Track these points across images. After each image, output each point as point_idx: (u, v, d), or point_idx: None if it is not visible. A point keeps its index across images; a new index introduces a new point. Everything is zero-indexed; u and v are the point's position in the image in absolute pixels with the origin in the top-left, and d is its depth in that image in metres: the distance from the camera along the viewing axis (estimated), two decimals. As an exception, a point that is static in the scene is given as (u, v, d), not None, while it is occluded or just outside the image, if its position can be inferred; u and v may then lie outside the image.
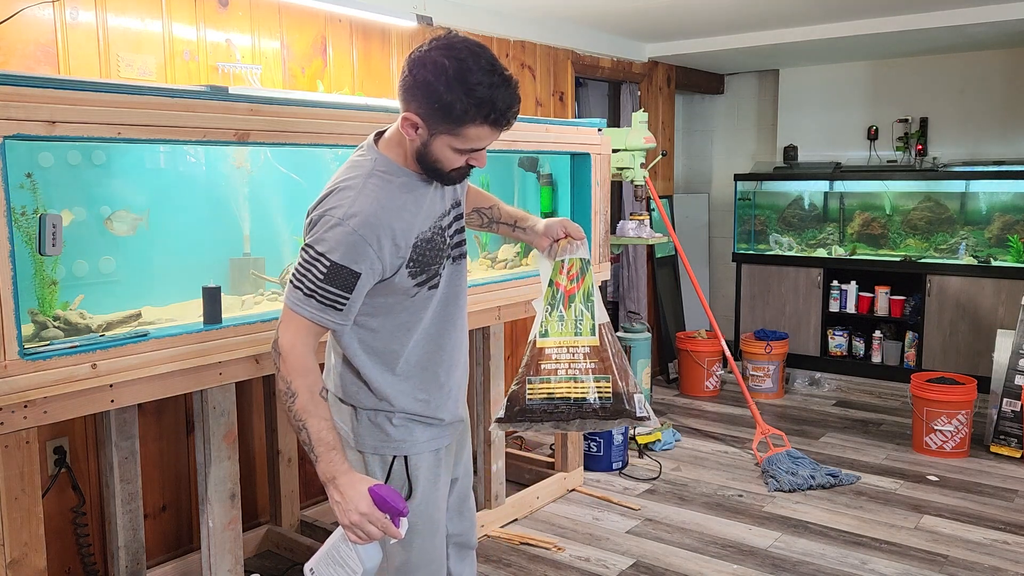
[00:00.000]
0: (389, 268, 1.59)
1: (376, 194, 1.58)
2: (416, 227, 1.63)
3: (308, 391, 1.57)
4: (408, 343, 1.69)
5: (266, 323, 2.39)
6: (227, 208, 2.64)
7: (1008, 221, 5.19)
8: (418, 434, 1.72)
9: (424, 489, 1.74)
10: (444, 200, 1.73)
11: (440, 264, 1.69)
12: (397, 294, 1.64)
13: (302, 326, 1.57)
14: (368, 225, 1.55)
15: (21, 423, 1.88)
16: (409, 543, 1.71)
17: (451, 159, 1.59)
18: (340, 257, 1.53)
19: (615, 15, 4.42)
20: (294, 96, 2.55)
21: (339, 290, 1.54)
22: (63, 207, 2.17)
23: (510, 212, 1.96)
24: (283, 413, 3.13)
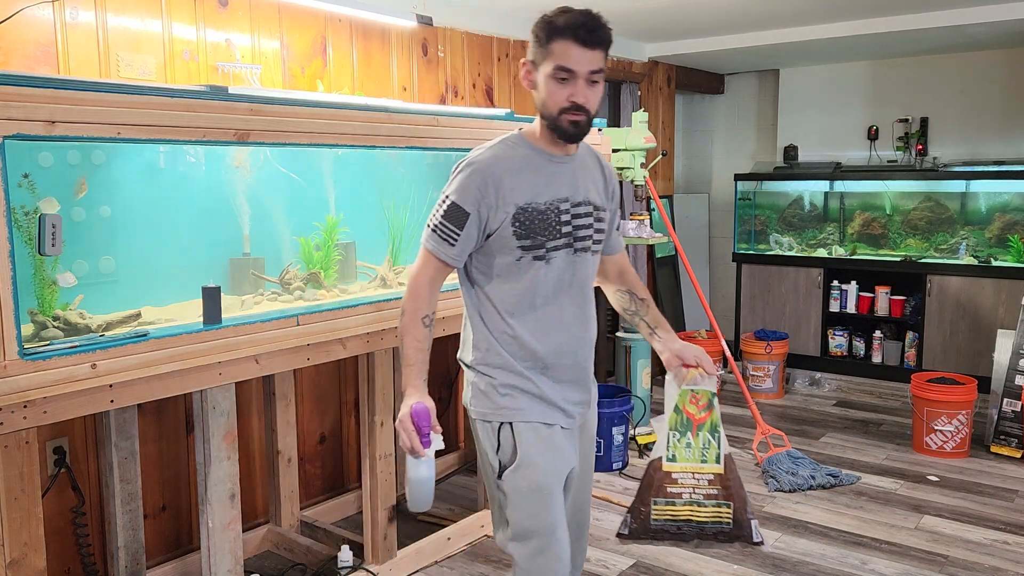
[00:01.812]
0: (493, 218, 1.77)
1: (496, 151, 1.81)
2: (526, 191, 1.78)
3: (413, 314, 1.80)
4: (517, 316, 1.83)
5: (266, 323, 2.39)
6: (227, 208, 2.64)
7: (1008, 221, 5.19)
8: (523, 403, 1.83)
9: (530, 455, 1.81)
10: (577, 191, 1.84)
11: (549, 240, 1.80)
12: (505, 253, 1.80)
13: (426, 258, 1.82)
14: (479, 171, 1.77)
15: (21, 423, 1.88)
16: (518, 506, 1.81)
17: (553, 94, 1.73)
18: (456, 196, 1.77)
19: (615, 15, 4.41)
20: (294, 96, 2.55)
21: (453, 226, 1.77)
22: (62, 207, 2.16)
23: (655, 315, 2.07)
24: (283, 412, 3.13)
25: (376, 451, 2.82)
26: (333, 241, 2.83)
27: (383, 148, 2.72)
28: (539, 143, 1.83)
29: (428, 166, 3.35)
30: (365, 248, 2.99)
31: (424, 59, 3.81)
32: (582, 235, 1.85)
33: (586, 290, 1.90)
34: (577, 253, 1.84)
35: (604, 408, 3.93)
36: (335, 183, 2.90)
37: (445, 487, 3.82)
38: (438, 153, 3.27)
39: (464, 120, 2.98)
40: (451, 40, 3.95)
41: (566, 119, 1.75)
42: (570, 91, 1.73)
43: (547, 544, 1.82)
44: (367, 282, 2.98)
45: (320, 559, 2.98)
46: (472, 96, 4.09)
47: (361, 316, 2.66)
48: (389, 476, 2.87)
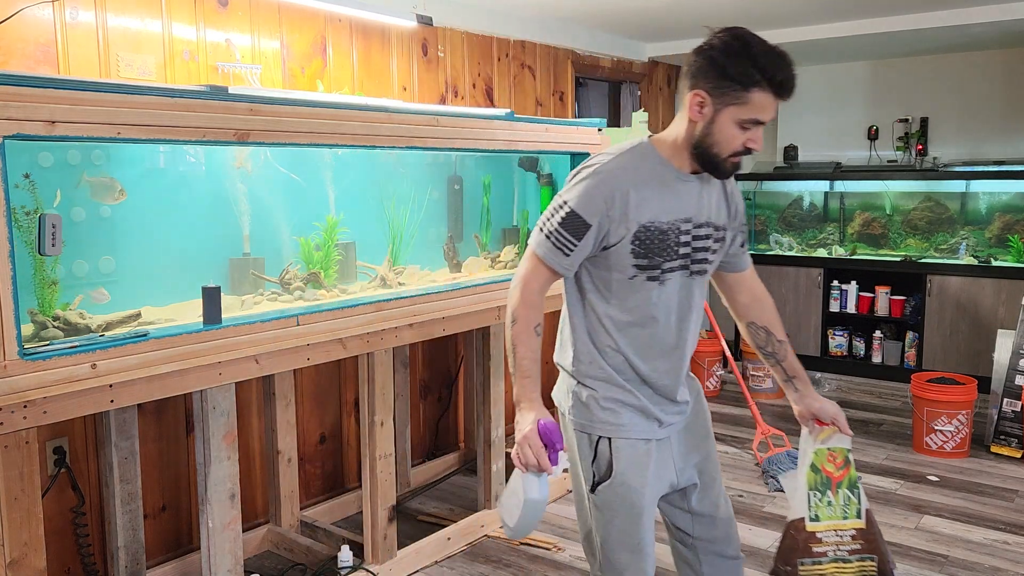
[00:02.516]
0: (613, 232, 1.69)
1: (624, 161, 1.71)
2: (651, 209, 1.69)
3: (526, 322, 1.74)
4: (624, 332, 1.77)
5: (266, 323, 2.39)
6: (227, 208, 2.64)
7: (1008, 221, 5.19)
8: (624, 419, 1.79)
9: (625, 473, 1.78)
10: (700, 211, 1.76)
11: (666, 261, 1.73)
12: (619, 270, 1.72)
13: (537, 264, 1.75)
14: (606, 181, 1.68)
15: (21, 423, 1.88)
16: (609, 521, 1.79)
17: (731, 138, 1.64)
18: (576, 205, 1.68)
19: (615, 15, 4.42)
20: (294, 96, 2.55)
21: (571, 236, 1.69)
22: (61, 206, 2.16)
23: (794, 363, 1.95)
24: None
25: (376, 451, 2.82)
26: (333, 241, 2.83)
27: (383, 148, 2.72)
28: (670, 159, 1.73)
29: (428, 166, 3.35)
30: (365, 248, 2.99)
31: (424, 59, 3.81)
32: (699, 258, 1.77)
33: (696, 312, 1.83)
34: (692, 276, 1.78)
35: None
36: (335, 183, 2.90)
37: (445, 487, 3.82)
38: (438, 153, 3.27)
39: (464, 120, 2.98)
40: (451, 40, 3.95)
41: (732, 161, 1.69)
42: (749, 137, 1.65)
43: (633, 562, 1.81)
44: (367, 282, 2.98)
45: (320, 559, 2.98)
46: (472, 96, 4.09)
47: (361, 316, 2.66)
48: (389, 476, 2.87)
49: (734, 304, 1.97)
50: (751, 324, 1.96)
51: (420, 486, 3.77)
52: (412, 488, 3.75)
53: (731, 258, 1.90)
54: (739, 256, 1.91)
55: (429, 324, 2.92)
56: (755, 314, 1.95)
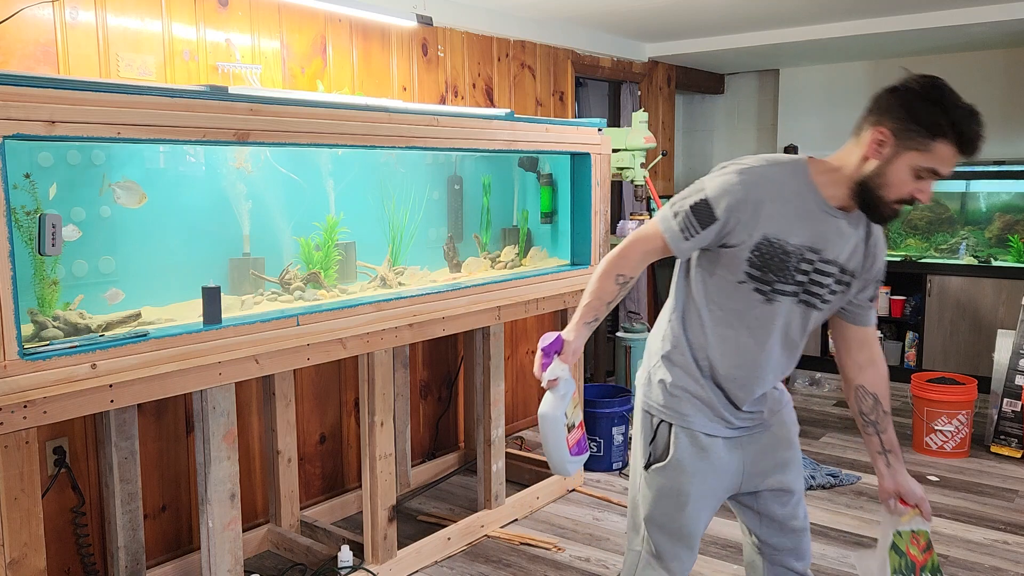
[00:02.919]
0: (736, 234, 1.67)
1: (772, 173, 1.69)
2: (781, 226, 1.67)
3: (611, 268, 1.78)
4: (716, 333, 1.77)
5: (266, 323, 2.39)
6: (227, 208, 2.64)
7: (1008, 221, 5.19)
8: (687, 409, 1.81)
9: (680, 461, 1.81)
10: (832, 247, 1.71)
11: (779, 281, 1.70)
12: (730, 271, 1.71)
13: (654, 235, 1.75)
14: (746, 184, 1.66)
15: (21, 423, 1.88)
16: (655, 502, 1.84)
17: (902, 184, 1.60)
18: (711, 195, 1.68)
19: (615, 15, 4.42)
20: (294, 96, 2.55)
21: (696, 222, 1.68)
22: (61, 206, 2.16)
23: (892, 437, 1.90)
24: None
25: (376, 451, 2.82)
26: (333, 241, 2.83)
27: (383, 148, 2.72)
28: (822, 187, 1.69)
29: (428, 166, 3.35)
30: (365, 248, 2.99)
31: (424, 59, 3.81)
32: (813, 291, 1.73)
33: (798, 341, 1.80)
34: (802, 304, 1.74)
35: (604, 408, 3.93)
36: (335, 183, 2.90)
37: (445, 487, 3.82)
38: (438, 153, 3.27)
39: (464, 120, 2.98)
40: (451, 40, 3.95)
41: (894, 207, 1.63)
42: (920, 187, 1.60)
43: (670, 545, 1.85)
44: (367, 282, 2.98)
45: (320, 559, 2.98)
46: (472, 96, 4.09)
47: (361, 316, 2.66)
48: (389, 476, 2.87)
49: (847, 360, 1.90)
50: (860, 388, 1.89)
51: (420, 486, 3.77)
52: (412, 488, 3.75)
53: (855, 308, 1.83)
54: (864, 310, 1.84)
55: (429, 324, 2.92)
56: (868, 378, 1.88)
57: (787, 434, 1.93)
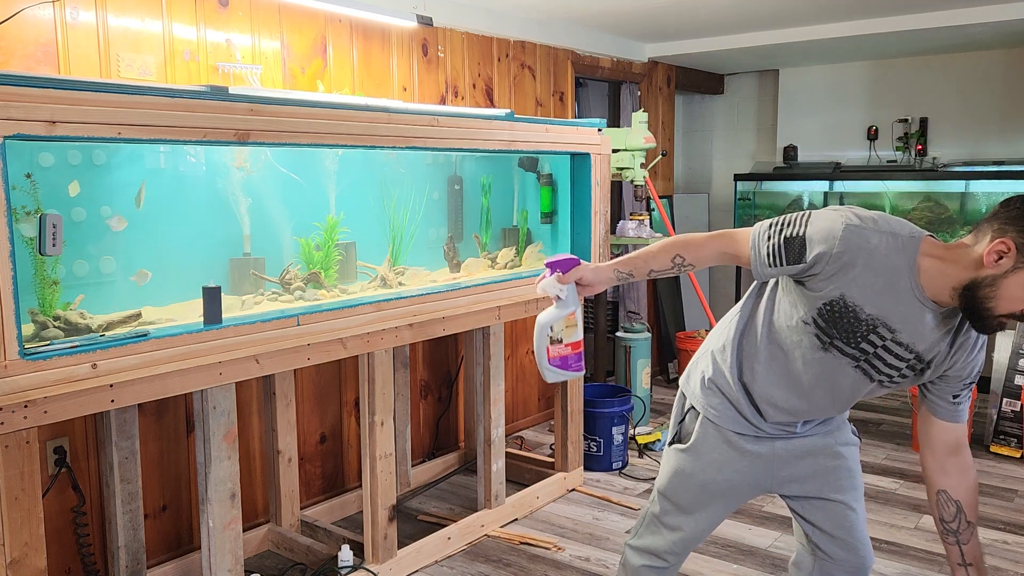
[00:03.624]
0: (816, 283, 1.63)
1: (880, 242, 1.59)
2: (863, 295, 1.61)
3: (672, 245, 1.78)
4: (768, 356, 1.79)
5: (266, 323, 2.39)
6: (227, 208, 2.64)
7: (1008, 221, 5.18)
8: (716, 403, 1.88)
9: (698, 448, 1.90)
10: (911, 334, 1.64)
11: (840, 340, 1.66)
12: (799, 309, 1.69)
13: (743, 241, 1.72)
14: (848, 239, 1.58)
15: (21, 423, 1.88)
16: (667, 476, 1.97)
17: (1016, 301, 1.50)
18: (812, 236, 1.61)
19: (615, 15, 4.42)
20: (294, 96, 2.55)
21: (786, 252, 1.64)
22: (62, 206, 2.17)
23: (975, 550, 1.75)
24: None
25: (376, 451, 2.82)
26: (333, 241, 2.83)
27: (383, 148, 2.72)
28: (925, 272, 1.59)
29: (428, 166, 3.35)
30: (365, 248, 2.99)
31: (424, 59, 3.81)
32: (878, 366, 1.68)
33: (847, 398, 1.77)
34: (860, 370, 1.70)
35: (604, 408, 3.93)
36: (335, 183, 2.90)
37: (445, 487, 3.82)
38: (438, 153, 3.27)
39: (464, 120, 2.98)
40: (451, 40, 3.95)
41: (1001, 321, 1.54)
42: None
43: (673, 513, 1.96)
44: (367, 282, 2.98)
45: (320, 559, 2.98)
46: (472, 96, 4.09)
47: (361, 316, 2.66)
48: (389, 476, 2.87)
49: (933, 462, 1.78)
50: (942, 492, 1.76)
51: (420, 486, 3.77)
52: (412, 488, 3.75)
53: (939, 400, 1.73)
54: (947, 404, 1.73)
55: (429, 324, 2.92)
56: (952, 483, 1.75)
57: (832, 444, 1.91)
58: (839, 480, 1.90)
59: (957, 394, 1.72)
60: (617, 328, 4.95)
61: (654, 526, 2.00)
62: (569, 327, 1.90)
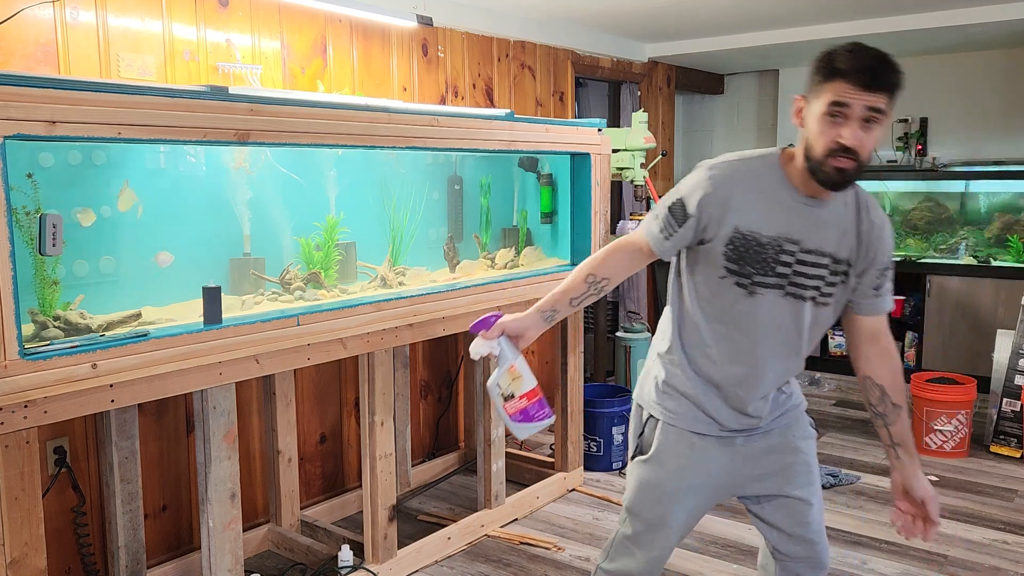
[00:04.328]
0: (710, 229, 1.70)
1: (741, 167, 1.73)
2: (753, 219, 1.69)
3: (582, 269, 1.84)
4: (708, 330, 1.78)
5: (266, 323, 2.39)
6: (227, 208, 2.64)
7: (1008, 221, 5.19)
8: (676, 407, 1.84)
9: (661, 456, 1.85)
10: (814, 238, 1.70)
11: (758, 274, 1.70)
12: (712, 267, 1.73)
13: (637, 237, 1.82)
14: (714, 180, 1.70)
15: (21, 423, 1.88)
16: (634, 491, 1.90)
17: (821, 135, 1.60)
18: (684, 194, 1.73)
19: (615, 15, 4.42)
20: (294, 96, 2.55)
21: (674, 220, 1.74)
22: (63, 206, 2.17)
23: (902, 430, 1.82)
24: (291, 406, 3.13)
25: (376, 451, 2.82)
26: (333, 241, 2.84)
27: (383, 148, 2.72)
28: (792, 177, 1.70)
29: (428, 166, 3.35)
30: (365, 248, 3.00)
31: (424, 59, 3.81)
32: (801, 282, 1.72)
33: (793, 335, 1.76)
34: (788, 297, 1.72)
35: (604, 408, 3.93)
36: (335, 183, 2.90)
37: (445, 487, 3.82)
38: (438, 153, 3.27)
39: (464, 120, 2.98)
40: (451, 40, 3.95)
41: (832, 164, 1.59)
42: (838, 131, 1.58)
43: (644, 534, 1.89)
44: (367, 282, 2.99)
45: (320, 559, 2.98)
46: (472, 96, 4.09)
47: (361, 316, 2.66)
48: (389, 476, 2.87)
49: (855, 352, 1.87)
50: (867, 379, 1.84)
51: (420, 486, 3.77)
52: (412, 488, 3.75)
53: (859, 299, 1.80)
54: (869, 300, 1.80)
55: (429, 324, 2.92)
56: (875, 370, 1.83)
57: (791, 439, 1.89)
58: (798, 476, 1.89)
59: (878, 285, 1.79)
60: (617, 328, 4.96)
61: (625, 547, 1.93)
62: (516, 380, 1.88)
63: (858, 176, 1.64)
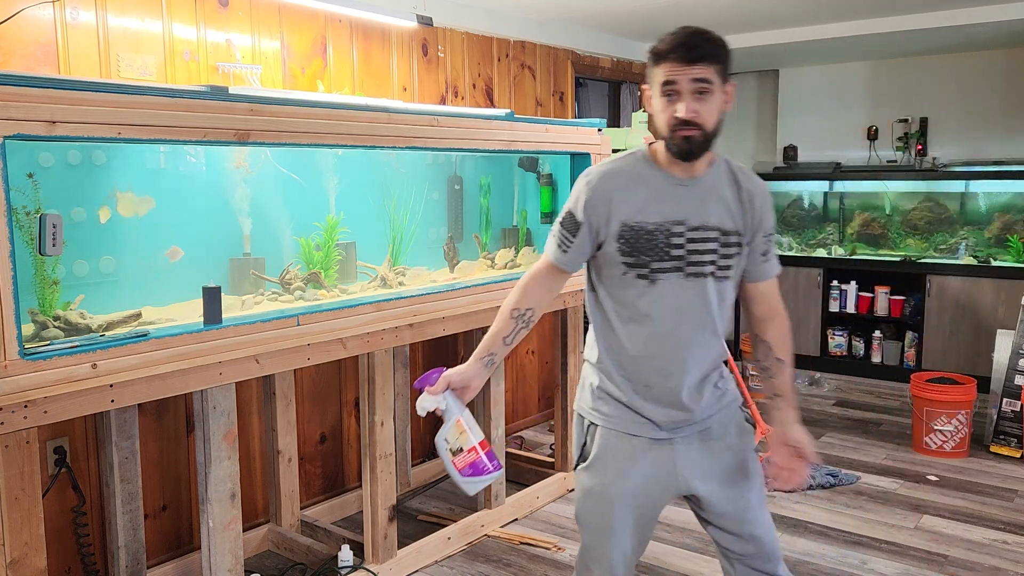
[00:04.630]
0: (602, 231, 1.79)
1: (613, 167, 1.83)
2: (634, 210, 1.77)
3: (506, 305, 1.90)
4: (623, 328, 1.83)
5: (266, 323, 2.39)
6: (227, 208, 2.64)
7: (1008, 221, 5.19)
8: (610, 410, 1.87)
9: (600, 460, 1.87)
10: (697, 215, 1.78)
11: (654, 261, 1.77)
12: (612, 267, 1.80)
13: (543, 260, 1.90)
14: (591, 184, 1.81)
15: (21, 423, 1.88)
16: (581, 500, 1.91)
17: (661, 112, 1.72)
18: (571, 206, 1.83)
19: (615, 15, 4.42)
20: (294, 96, 2.55)
21: (567, 232, 1.83)
22: (63, 207, 2.17)
23: (783, 383, 1.93)
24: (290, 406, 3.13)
25: (376, 451, 2.83)
26: (333, 241, 2.83)
27: (383, 148, 2.72)
28: (661, 164, 1.80)
29: (428, 166, 3.35)
30: (365, 248, 2.99)
31: (424, 59, 3.81)
32: (697, 260, 1.78)
33: (702, 314, 1.81)
34: (690, 278, 1.78)
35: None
36: (335, 183, 2.90)
37: (445, 487, 3.82)
38: (438, 153, 3.27)
39: (464, 120, 2.98)
40: (451, 40, 3.95)
41: (678, 135, 1.71)
42: (673, 107, 1.70)
43: (597, 543, 1.89)
44: (367, 282, 2.99)
45: (320, 559, 2.98)
46: (472, 96, 4.09)
47: (361, 316, 2.66)
48: (389, 476, 2.87)
49: (748, 314, 1.97)
50: (756, 336, 1.96)
51: (420, 486, 3.77)
52: (412, 488, 3.75)
53: (750, 266, 1.87)
54: (758, 266, 1.88)
55: (429, 324, 2.92)
56: (763, 328, 1.94)
57: (727, 437, 1.90)
58: (735, 473, 1.90)
59: (765, 251, 1.88)
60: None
61: (583, 564, 1.94)
62: (462, 434, 1.87)
63: (707, 143, 1.73)
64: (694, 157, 1.74)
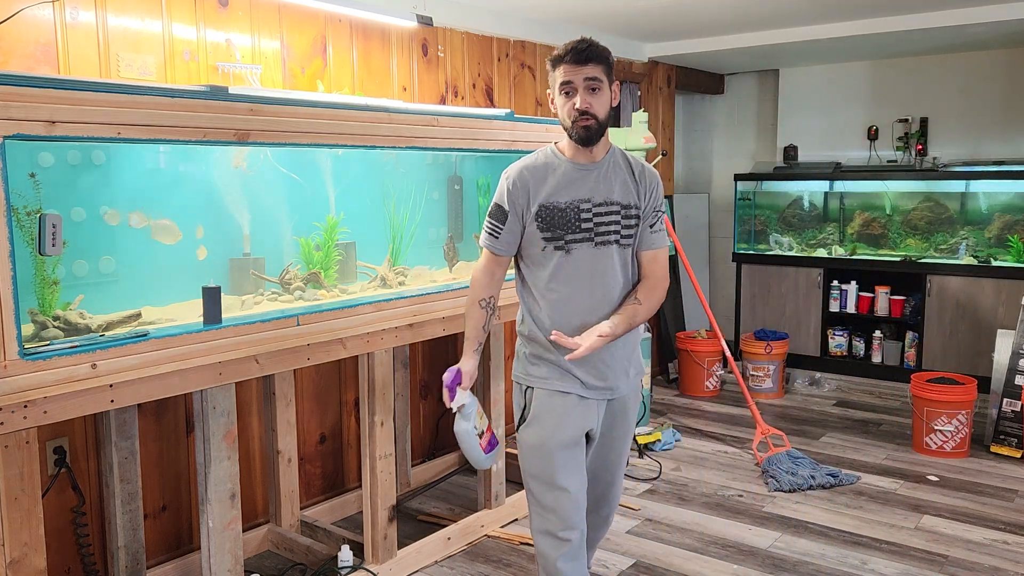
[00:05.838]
0: (524, 215, 2.14)
1: (527, 161, 2.19)
2: (548, 193, 2.12)
3: (472, 297, 2.24)
4: (546, 296, 2.16)
5: (266, 323, 2.39)
6: (227, 208, 2.64)
7: (1008, 221, 5.19)
8: (544, 372, 2.19)
9: (539, 416, 2.18)
10: (599, 193, 2.13)
11: (568, 233, 2.11)
12: (534, 244, 2.14)
13: (483, 252, 2.22)
14: (511, 176, 2.16)
15: (21, 423, 1.88)
16: (526, 457, 2.21)
17: (562, 106, 2.10)
18: (497, 198, 2.18)
19: (615, 15, 4.42)
20: (294, 96, 2.55)
21: (496, 222, 2.17)
22: (63, 207, 2.17)
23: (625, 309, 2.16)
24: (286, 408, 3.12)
25: (376, 451, 2.82)
26: (333, 241, 2.83)
27: (383, 148, 2.72)
28: (567, 154, 2.16)
29: (428, 166, 3.35)
30: (365, 248, 2.99)
31: (424, 59, 3.81)
32: (604, 230, 2.13)
33: (610, 278, 2.15)
34: (599, 246, 2.13)
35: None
36: (335, 183, 2.90)
37: (445, 487, 3.82)
38: (438, 153, 3.27)
39: (464, 120, 2.98)
40: (451, 40, 3.95)
41: (579, 125, 2.07)
42: (571, 102, 2.06)
43: (547, 492, 2.18)
44: (367, 282, 2.98)
45: (320, 559, 2.98)
46: (472, 96, 4.09)
47: (361, 316, 2.66)
48: (389, 476, 2.87)
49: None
50: (632, 290, 2.22)
51: (420, 486, 3.77)
52: (412, 488, 3.75)
53: (643, 239, 2.19)
54: (647, 237, 2.19)
55: (429, 324, 2.92)
56: (640, 287, 2.21)
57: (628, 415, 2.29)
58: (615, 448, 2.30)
59: (653, 223, 2.20)
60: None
61: (536, 511, 2.21)
62: (481, 418, 2.28)
63: (601, 130, 2.09)
64: (592, 143, 2.11)
